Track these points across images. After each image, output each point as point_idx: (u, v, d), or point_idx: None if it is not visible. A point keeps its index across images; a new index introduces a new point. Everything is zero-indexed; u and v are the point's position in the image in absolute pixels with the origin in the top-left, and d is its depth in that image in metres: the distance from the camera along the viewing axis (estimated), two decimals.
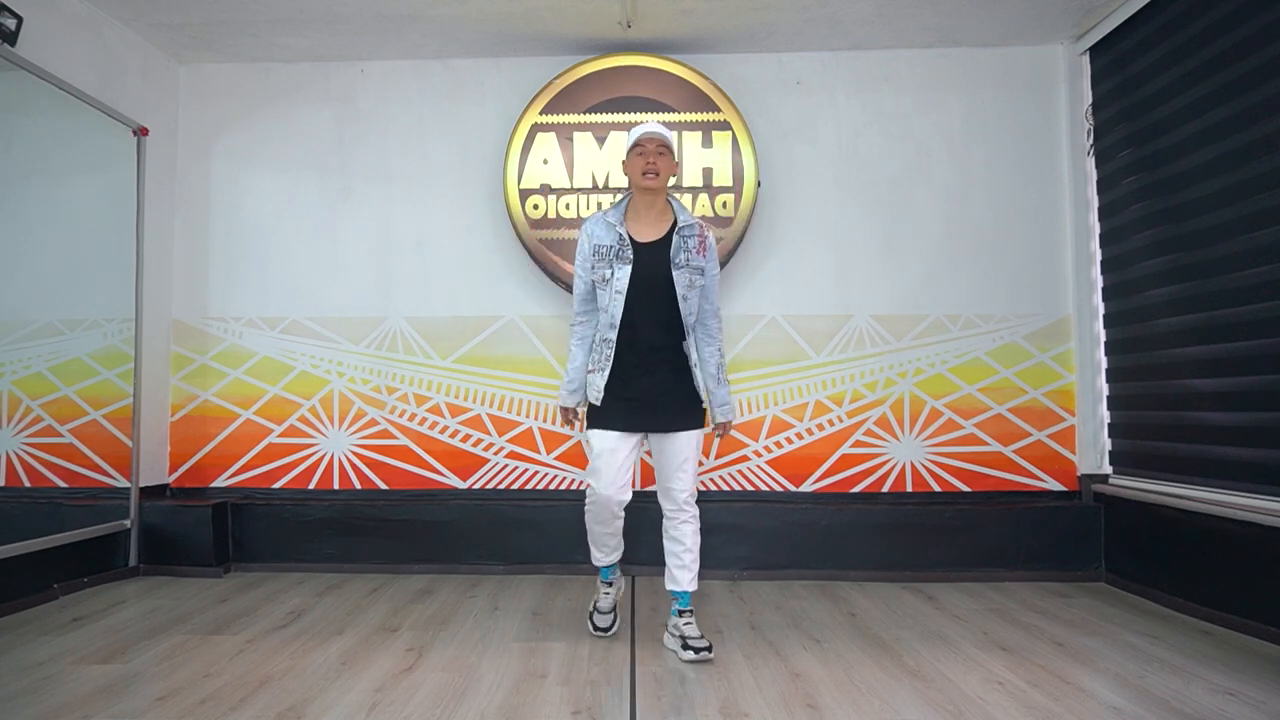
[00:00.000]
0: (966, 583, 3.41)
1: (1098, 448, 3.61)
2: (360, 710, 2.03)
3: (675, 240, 2.47)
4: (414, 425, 3.85)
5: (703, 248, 2.50)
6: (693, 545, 2.52)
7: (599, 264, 2.49)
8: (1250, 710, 2.03)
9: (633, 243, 2.48)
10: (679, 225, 2.49)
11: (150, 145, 3.65)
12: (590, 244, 2.51)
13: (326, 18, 3.53)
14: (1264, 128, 2.66)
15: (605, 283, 2.48)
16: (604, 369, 2.48)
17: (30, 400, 3.13)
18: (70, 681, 2.20)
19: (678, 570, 2.52)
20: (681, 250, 2.47)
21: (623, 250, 2.46)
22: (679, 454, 2.49)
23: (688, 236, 2.48)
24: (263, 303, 3.92)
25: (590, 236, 2.51)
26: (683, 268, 2.46)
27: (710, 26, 3.62)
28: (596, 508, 2.54)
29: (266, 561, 3.62)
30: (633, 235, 2.49)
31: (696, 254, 2.48)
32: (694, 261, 2.47)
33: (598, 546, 2.66)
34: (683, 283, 2.46)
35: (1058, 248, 3.77)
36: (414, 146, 3.93)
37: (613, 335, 2.47)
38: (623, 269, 2.45)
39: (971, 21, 3.58)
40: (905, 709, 2.05)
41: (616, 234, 2.47)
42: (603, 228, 2.50)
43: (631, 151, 2.48)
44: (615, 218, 2.50)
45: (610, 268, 2.47)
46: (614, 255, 2.47)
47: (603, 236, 2.49)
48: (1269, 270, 2.65)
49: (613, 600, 2.71)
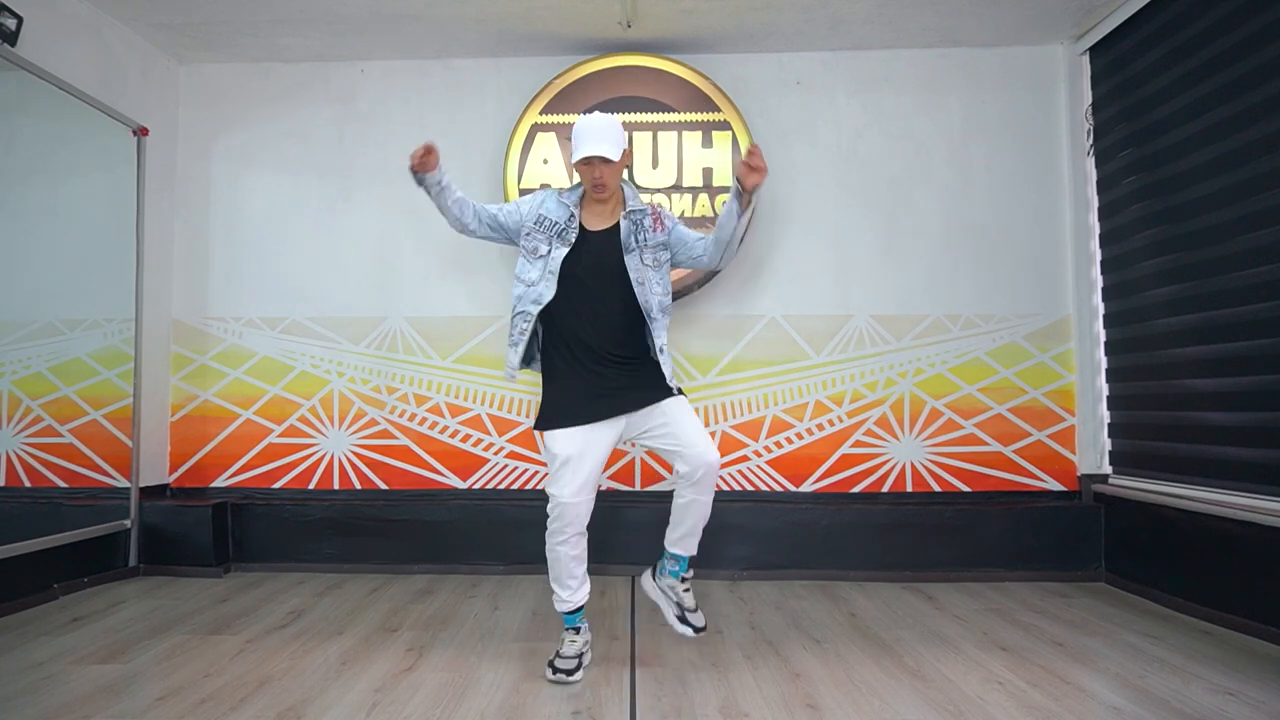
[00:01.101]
0: (966, 583, 3.41)
1: (1098, 448, 3.61)
2: (360, 710, 2.03)
3: (624, 225, 2.36)
4: (414, 425, 3.85)
5: (659, 223, 2.38)
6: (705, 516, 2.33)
7: (535, 233, 2.36)
8: (1250, 710, 2.03)
9: (581, 228, 2.36)
10: (629, 209, 2.37)
11: (150, 145, 3.65)
12: (535, 210, 2.38)
13: (327, 18, 3.53)
14: (1264, 128, 2.66)
15: (536, 257, 2.36)
16: (518, 345, 2.36)
17: (30, 400, 3.13)
18: (70, 681, 2.21)
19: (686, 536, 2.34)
20: (634, 233, 2.35)
21: (567, 231, 2.35)
22: (679, 420, 2.28)
23: (640, 218, 2.36)
24: (263, 303, 3.92)
25: (539, 203, 2.40)
26: (635, 250, 2.34)
27: (710, 26, 3.62)
28: (560, 522, 2.24)
29: (266, 561, 3.62)
30: (583, 222, 2.38)
31: (653, 231, 2.36)
32: (652, 239, 2.36)
33: (561, 582, 2.31)
34: (636, 266, 2.32)
35: (1058, 248, 3.77)
36: (414, 146, 3.91)
37: (533, 310, 2.32)
38: (560, 249, 2.33)
39: (971, 21, 3.58)
40: (905, 709, 2.05)
41: (569, 212, 2.36)
42: (554, 203, 2.39)
43: (577, 161, 2.29)
44: (571, 199, 2.39)
45: (549, 244, 2.35)
46: (555, 233, 2.35)
47: (552, 210, 2.37)
48: (1269, 270, 2.65)
49: (578, 649, 2.31)
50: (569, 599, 2.32)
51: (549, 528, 2.27)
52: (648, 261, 2.36)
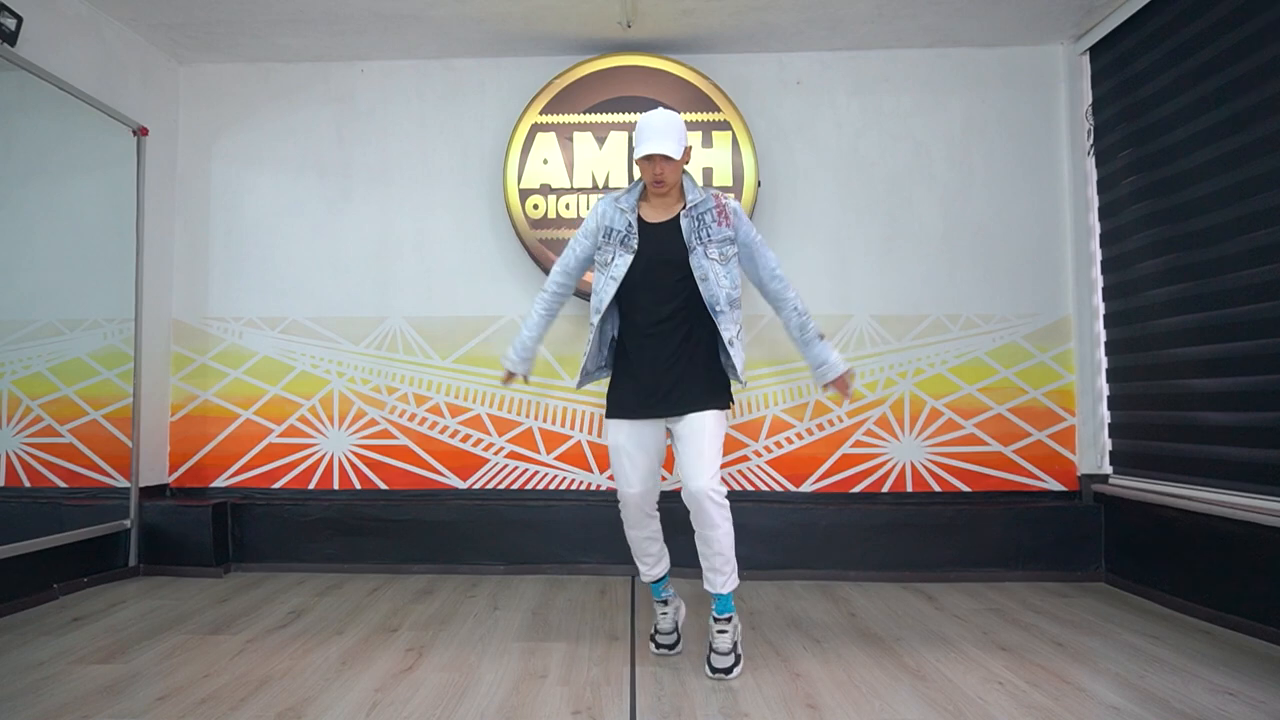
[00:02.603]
0: (966, 583, 3.41)
1: (1098, 448, 3.61)
2: (360, 710, 2.03)
3: (685, 222, 2.34)
4: (414, 425, 3.85)
5: (723, 216, 2.35)
6: (722, 548, 2.29)
7: (606, 245, 2.39)
8: (1250, 710, 2.03)
9: (641, 224, 2.38)
10: (689, 204, 2.36)
11: (150, 145, 3.65)
12: (599, 223, 2.41)
13: (326, 18, 3.53)
14: (1264, 128, 2.66)
15: (603, 267, 2.39)
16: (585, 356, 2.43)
17: (30, 400, 3.13)
18: (70, 681, 2.21)
19: (707, 572, 2.34)
20: (696, 231, 2.33)
21: (629, 237, 2.36)
22: (689, 444, 2.29)
23: (702, 213, 2.35)
24: (263, 303, 3.92)
25: (600, 215, 2.42)
26: (698, 247, 2.32)
27: (710, 26, 3.62)
28: (625, 510, 2.42)
29: (266, 561, 3.62)
30: (643, 216, 2.40)
31: (718, 225, 2.34)
32: (716, 234, 2.34)
33: (639, 558, 2.50)
34: (700, 263, 2.31)
35: (1058, 248, 3.77)
36: (414, 146, 3.93)
37: (595, 320, 2.38)
38: (624, 257, 2.34)
39: (971, 21, 3.58)
40: (905, 709, 2.05)
41: (626, 220, 2.37)
42: (614, 210, 2.40)
43: (639, 156, 2.32)
44: (628, 203, 2.40)
45: (613, 253, 2.37)
46: (619, 241, 2.37)
47: (614, 219, 2.39)
48: (1269, 270, 2.65)
49: (672, 621, 2.52)
50: (648, 573, 2.51)
51: (621, 514, 2.44)
52: (712, 255, 2.34)
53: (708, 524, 2.25)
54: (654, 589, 2.54)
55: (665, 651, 2.49)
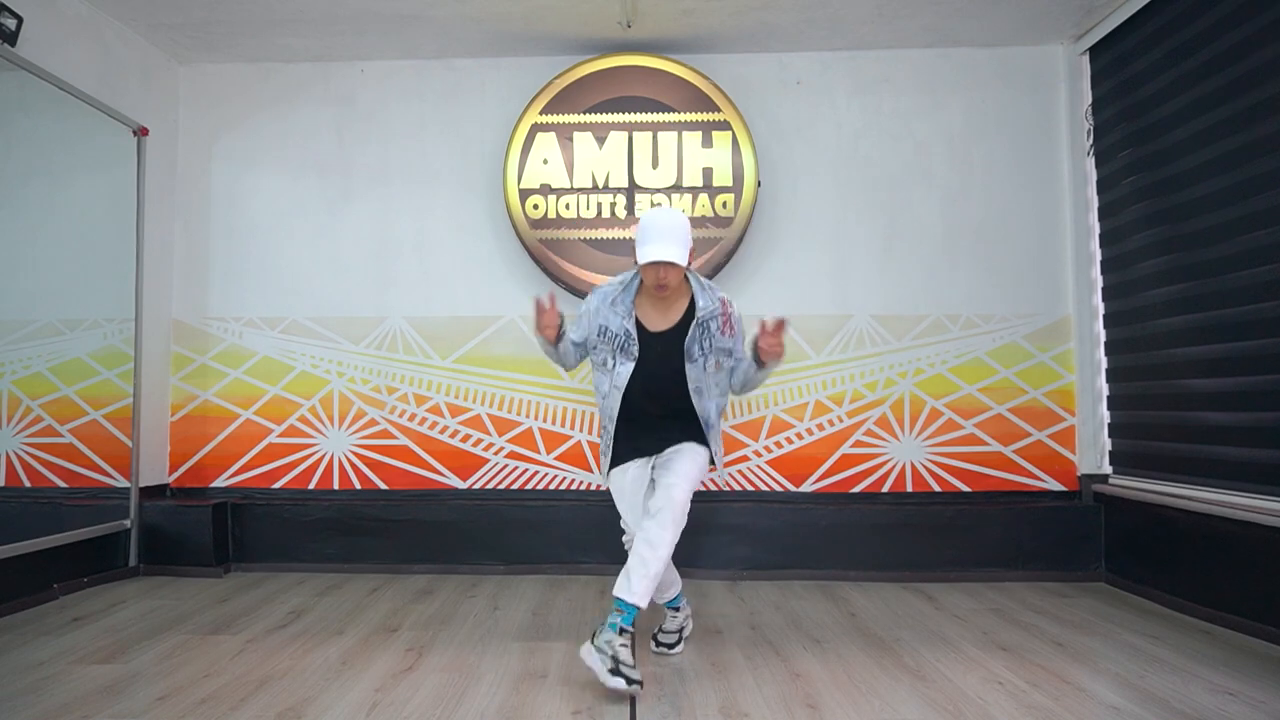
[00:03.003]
0: (966, 583, 3.41)
1: (1098, 448, 3.61)
2: (360, 710, 2.03)
3: (692, 331, 2.27)
4: (414, 425, 3.85)
5: (729, 325, 2.30)
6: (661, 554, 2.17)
7: (601, 345, 2.34)
8: (1250, 710, 2.03)
9: (641, 332, 2.30)
10: (698, 313, 2.27)
11: (150, 145, 3.65)
12: (595, 321, 2.34)
13: (326, 18, 3.53)
14: (1264, 128, 2.66)
15: (605, 369, 2.35)
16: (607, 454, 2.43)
17: (30, 400, 3.13)
18: (70, 681, 2.21)
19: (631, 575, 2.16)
20: (698, 341, 2.27)
21: (629, 344, 2.29)
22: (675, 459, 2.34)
23: (709, 320, 2.27)
24: (263, 303, 3.92)
25: (595, 313, 2.34)
26: (698, 359, 2.28)
27: (710, 26, 3.62)
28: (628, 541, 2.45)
29: (266, 561, 3.62)
30: (642, 321, 2.31)
31: (722, 334, 2.30)
32: (719, 343, 2.30)
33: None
34: (697, 376, 2.30)
35: (1058, 248, 3.77)
36: (414, 146, 3.93)
37: (611, 427, 2.39)
38: (625, 364, 2.30)
39: (971, 21, 3.58)
40: (905, 709, 2.05)
41: (624, 327, 2.29)
42: (610, 312, 2.31)
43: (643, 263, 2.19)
44: (625, 308, 2.30)
45: (613, 358, 2.31)
46: (618, 347, 2.30)
47: (610, 320, 2.31)
48: (1269, 270, 2.65)
49: (678, 624, 2.55)
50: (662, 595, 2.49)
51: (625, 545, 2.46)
52: (709, 368, 2.33)
53: (665, 524, 2.20)
54: (668, 605, 2.56)
55: (664, 651, 2.50)
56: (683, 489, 2.25)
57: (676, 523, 2.22)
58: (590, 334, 2.38)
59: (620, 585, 2.17)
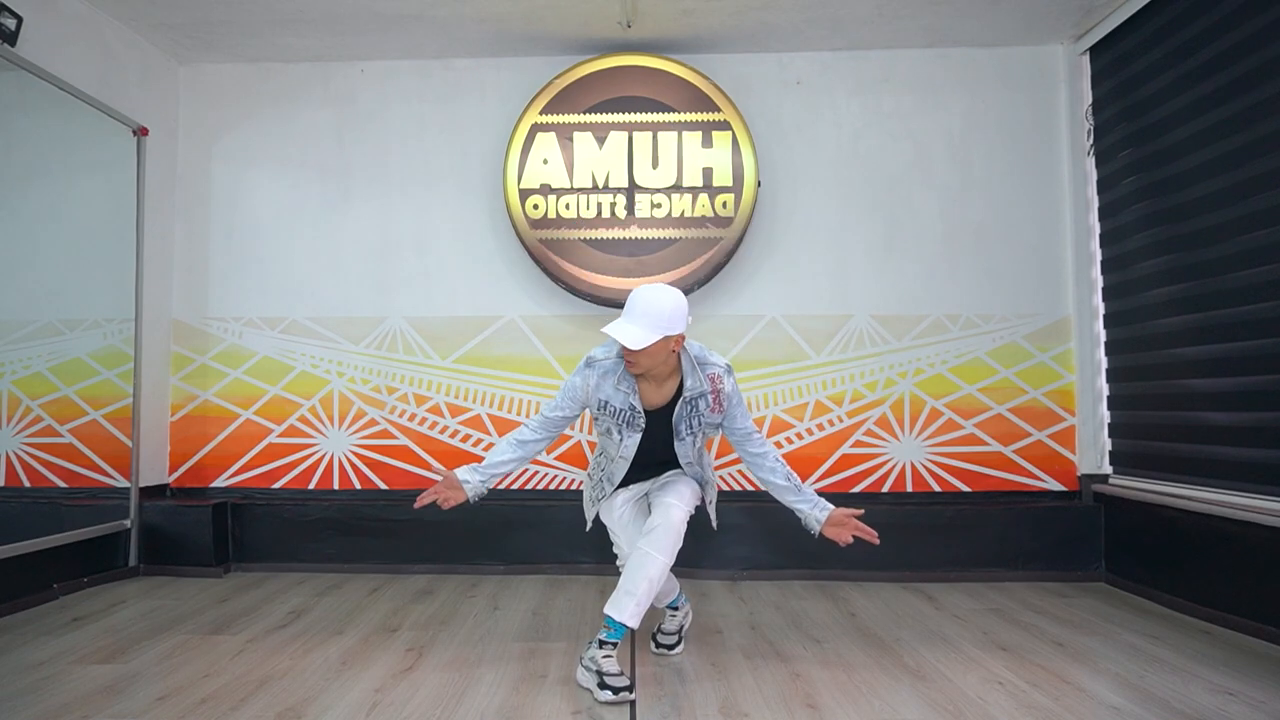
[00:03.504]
0: (966, 583, 3.41)
1: (1098, 448, 3.61)
2: (360, 710, 2.03)
3: (679, 409, 2.25)
4: (414, 425, 3.85)
5: (718, 403, 2.26)
6: (652, 575, 2.19)
7: (604, 418, 2.30)
8: (1250, 710, 2.03)
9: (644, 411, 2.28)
10: (685, 393, 2.23)
11: (150, 145, 3.65)
12: (595, 396, 2.27)
13: (326, 18, 3.53)
14: (1264, 128, 2.66)
15: (610, 437, 2.33)
16: (596, 504, 2.47)
17: (30, 400, 3.13)
18: (70, 681, 2.21)
19: (622, 593, 2.19)
20: (685, 419, 2.26)
21: (635, 417, 2.26)
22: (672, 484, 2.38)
23: (696, 399, 2.25)
24: (263, 303, 3.92)
25: (594, 389, 2.26)
26: (685, 438, 2.29)
27: (710, 26, 3.62)
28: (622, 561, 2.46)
29: (266, 561, 3.62)
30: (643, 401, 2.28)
31: (710, 412, 2.27)
32: (707, 420, 2.28)
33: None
34: (685, 453, 2.32)
35: (1058, 248, 3.77)
36: (414, 146, 3.93)
37: (609, 489, 2.41)
38: (632, 436, 2.28)
39: (971, 21, 3.58)
40: (905, 709, 2.05)
41: (629, 402, 2.25)
42: (611, 388, 2.25)
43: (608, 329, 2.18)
44: (629, 385, 2.24)
45: (620, 432, 2.28)
46: (625, 422, 2.27)
47: (611, 397, 2.26)
48: (1269, 270, 2.65)
49: (678, 624, 2.56)
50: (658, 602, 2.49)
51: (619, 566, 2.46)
52: (698, 445, 2.37)
53: (657, 546, 2.21)
54: (668, 605, 2.57)
55: (664, 651, 2.51)
56: (681, 511, 2.27)
57: (672, 545, 2.23)
58: (589, 406, 2.32)
59: (611, 602, 2.20)
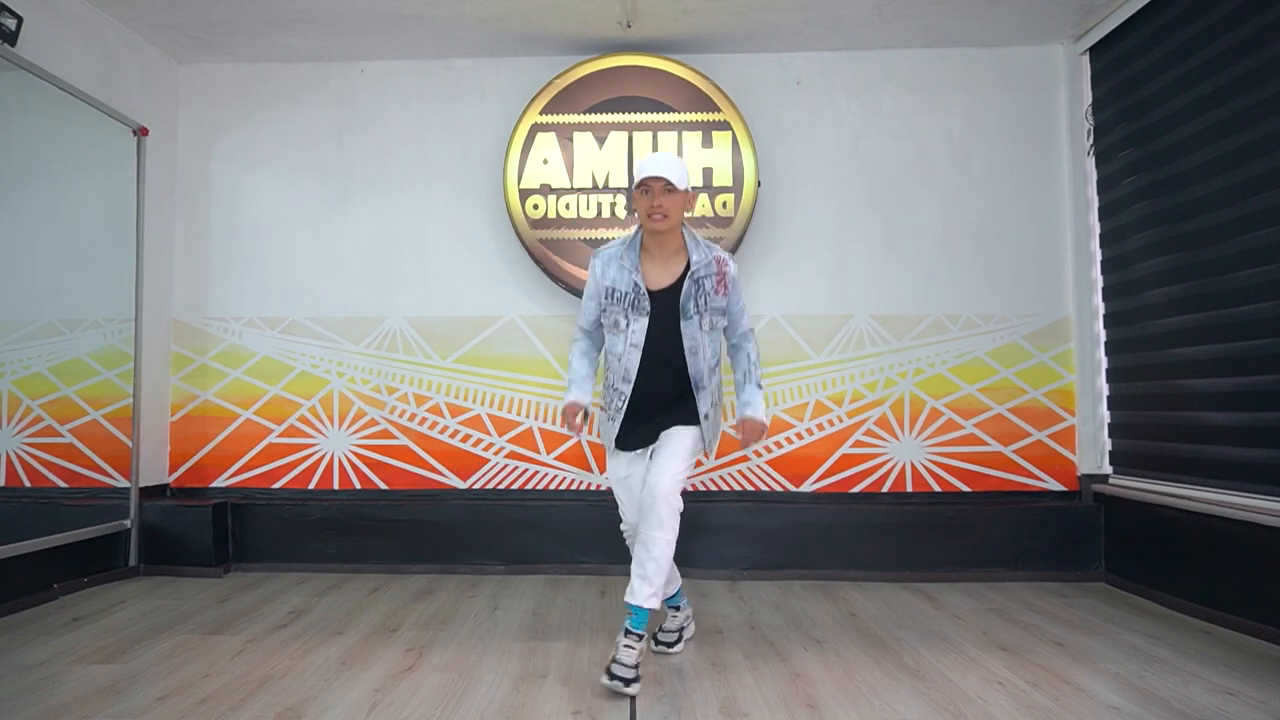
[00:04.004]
0: (966, 583, 3.41)
1: (1098, 448, 3.61)
2: (360, 710, 2.03)
3: (686, 286, 2.27)
4: (414, 425, 3.85)
5: (722, 284, 2.30)
6: (659, 555, 2.22)
7: (612, 307, 2.32)
8: (1250, 710, 2.03)
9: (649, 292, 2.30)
10: (692, 268, 2.28)
11: (150, 145, 3.65)
12: (601, 284, 2.33)
13: (326, 18, 3.53)
14: (1264, 128, 2.66)
15: (619, 330, 2.33)
16: (616, 419, 2.38)
17: (30, 400, 3.13)
18: (70, 681, 2.21)
19: (635, 578, 2.24)
20: (693, 297, 2.27)
21: (639, 300, 2.28)
22: (664, 451, 2.32)
23: (703, 278, 2.28)
24: (263, 303, 3.92)
25: (601, 277, 2.33)
26: (693, 317, 2.28)
27: (710, 26, 3.62)
28: (629, 533, 2.47)
29: (266, 561, 3.62)
30: (646, 280, 2.30)
31: (715, 294, 2.29)
32: (713, 302, 2.30)
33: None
34: (693, 333, 2.29)
35: (1058, 248, 3.77)
36: (414, 146, 3.93)
37: (627, 389, 2.33)
38: (639, 320, 2.28)
39: (971, 21, 3.58)
40: (905, 709, 2.05)
41: (632, 281, 2.28)
42: (616, 269, 2.31)
43: (637, 189, 2.25)
44: (631, 262, 2.29)
45: (625, 317, 2.30)
46: (629, 305, 2.28)
47: (617, 279, 2.30)
48: (1269, 270, 2.65)
49: (679, 623, 2.55)
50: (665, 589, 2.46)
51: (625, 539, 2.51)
52: (704, 327, 2.32)
53: (655, 524, 2.23)
54: (667, 603, 2.55)
55: (664, 649, 2.50)
56: (667, 481, 2.25)
57: (668, 519, 2.23)
58: (608, 305, 2.35)
59: (628, 591, 2.24)
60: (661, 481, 2.25)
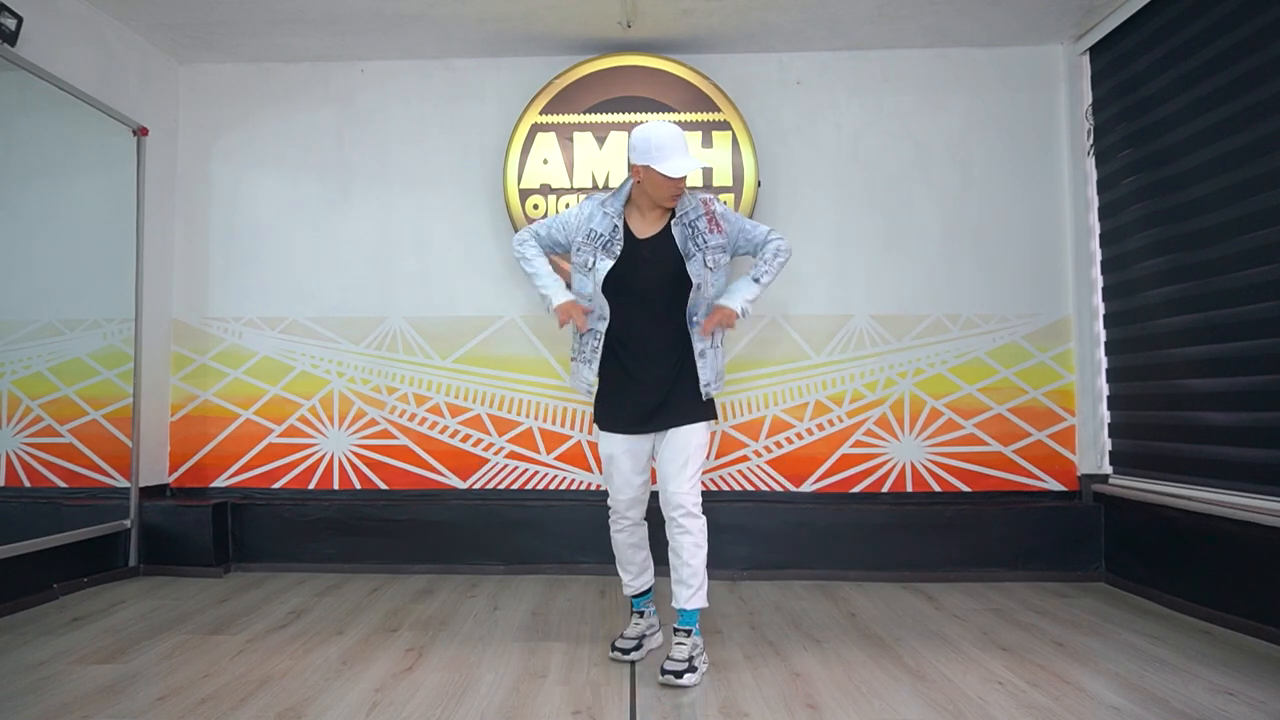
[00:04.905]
0: (966, 583, 3.41)
1: (1098, 448, 3.61)
2: (360, 710, 2.03)
3: (678, 230, 2.31)
4: (414, 425, 3.85)
5: (713, 223, 2.34)
6: (691, 559, 2.28)
7: (585, 247, 2.34)
8: (1250, 710, 2.03)
9: (629, 237, 2.33)
10: (679, 213, 2.33)
11: (150, 145, 3.65)
12: (583, 225, 2.35)
13: (326, 18, 3.53)
14: (1264, 128, 2.66)
15: (585, 270, 2.34)
16: (592, 361, 2.36)
17: (30, 400, 3.13)
18: (70, 681, 2.21)
19: (674, 585, 2.33)
20: (691, 238, 2.31)
21: (612, 243, 2.31)
22: (674, 454, 2.33)
23: (692, 221, 2.32)
24: (263, 303, 3.92)
25: (587, 218, 2.36)
26: (696, 255, 2.30)
27: (710, 26, 3.62)
28: (614, 515, 2.48)
29: (266, 561, 3.62)
30: (630, 228, 2.35)
31: (710, 232, 2.33)
32: (711, 241, 2.32)
33: (623, 566, 2.51)
34: (699, 270, 2.30)
35: (1058, 248, 3.77)
36: (414, 146, 3.93)
37: (601, 328, 2.34)
38: (604, 261, 2.29)
39: (971, 21, 3.58)
40: (905, 709, 2.05)
41: (612, 224, 2.32)
42: (600, 216, 2.35)
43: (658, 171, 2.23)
44: (614, 208, 2.34)
45: (593, 256, 2.31)
46: (600, 245, 2.31)
47: (599, 222, 2.34)
48: (1269, 270, 2.64)
49: (641, 630, 2.50)
50: (630, 583, 2.52)
51: (609, 519, 2.50)
52: (709, 264, 2.33)
53: (679, 530, 2.31)
54: (635, 602, 2.55)
55: (618, 655, 2.42)
56: (687, 494, 2.31)
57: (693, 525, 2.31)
58: (573, 236, 2.37)
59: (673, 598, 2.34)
60: (682, 492, 2.31)
